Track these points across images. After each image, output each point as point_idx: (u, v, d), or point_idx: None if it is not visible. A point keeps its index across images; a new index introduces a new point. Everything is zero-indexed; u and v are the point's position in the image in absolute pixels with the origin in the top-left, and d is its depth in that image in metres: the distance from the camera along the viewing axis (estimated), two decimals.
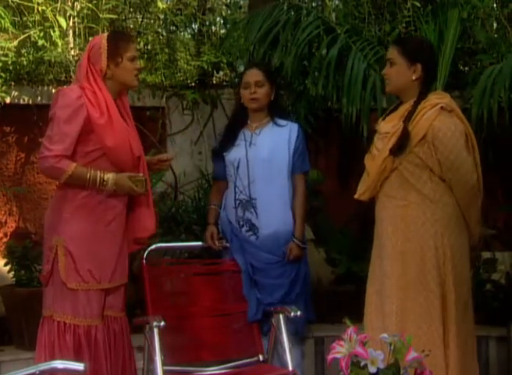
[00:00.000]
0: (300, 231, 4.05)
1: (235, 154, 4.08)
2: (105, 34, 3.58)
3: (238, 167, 4.06)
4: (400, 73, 3.46)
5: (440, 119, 3.37)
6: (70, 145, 3.39)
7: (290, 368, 3.71)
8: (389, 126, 3.48)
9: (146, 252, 3.86)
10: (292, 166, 4.05)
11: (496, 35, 4.98)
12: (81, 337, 3.44)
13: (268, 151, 4.03)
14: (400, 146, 3.36)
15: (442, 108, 3.38)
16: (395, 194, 3.45)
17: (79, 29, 4.95)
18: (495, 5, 5.11)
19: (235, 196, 4.06)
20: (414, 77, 3.44)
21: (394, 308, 3.36)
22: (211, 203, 4.19)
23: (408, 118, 3.39)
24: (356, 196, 3.60)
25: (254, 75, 4.08)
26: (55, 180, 3.81)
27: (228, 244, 4.06)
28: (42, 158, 3.43)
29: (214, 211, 4.16)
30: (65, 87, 4.02)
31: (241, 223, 4.05)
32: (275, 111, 4.13)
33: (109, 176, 3.44)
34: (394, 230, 3.44)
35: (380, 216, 3.52)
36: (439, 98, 3.45)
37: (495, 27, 5.08)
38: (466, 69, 5.11)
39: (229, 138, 4.15)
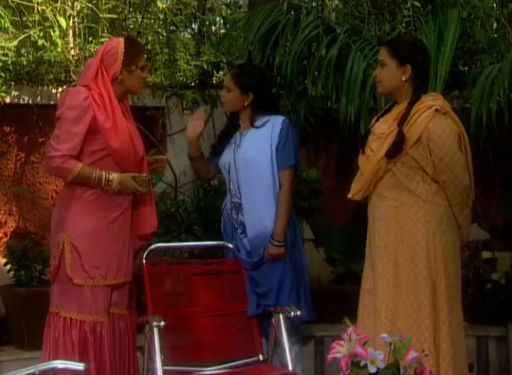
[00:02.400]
0: (279, 229, 3.91)
1: (225, 158, 4.08)
2: (121, 39, 3.62)
3: (229, 171, 4.04)
4: (390, 74, 3.46)
5: (435, 122, 3.37)
6: (77, 145, 3.45)
7: (290, 368, 3.71)
8: (384, 127, 3.48)
9: (146, 252, 3.85)
10: (276, 162, 3.96)
11: (495, 35, 4.98)
12: (87, 333, 3.47)
13: (251, 152, 3.97)
14: (396, 148, 3.37)
15: (436, 110, 3.39)
16: (388, 194, 3.45)
17: (79, 29, 4.94)
18: (495, 5, 5.11)
19: (230, 199, 4.06)
20: (404, 78, 3.43)
21: (384, 308, 3.38)
22: None
23: (403, 120, 3.39)
24: (349, 195, 3.60)
25: (225, 79, 4.15)
26: (60, 179, 3.83)
27: (230, 245, 4.06)
28: (49, 157, 3.49)
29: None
30: (71, 87, 4.04)
31: (236, 225, 4.04)
32: (257, 112, 4.01)
33: (114, 177, 3.50)
34: (386, 230, 3.44)
35: (373, 216, 3.53)
36: (433, 100, 3.45)
37: (495, 27, 5.08)
38: (466, 69, 5.12)
39: (220, 142, 4.18)
